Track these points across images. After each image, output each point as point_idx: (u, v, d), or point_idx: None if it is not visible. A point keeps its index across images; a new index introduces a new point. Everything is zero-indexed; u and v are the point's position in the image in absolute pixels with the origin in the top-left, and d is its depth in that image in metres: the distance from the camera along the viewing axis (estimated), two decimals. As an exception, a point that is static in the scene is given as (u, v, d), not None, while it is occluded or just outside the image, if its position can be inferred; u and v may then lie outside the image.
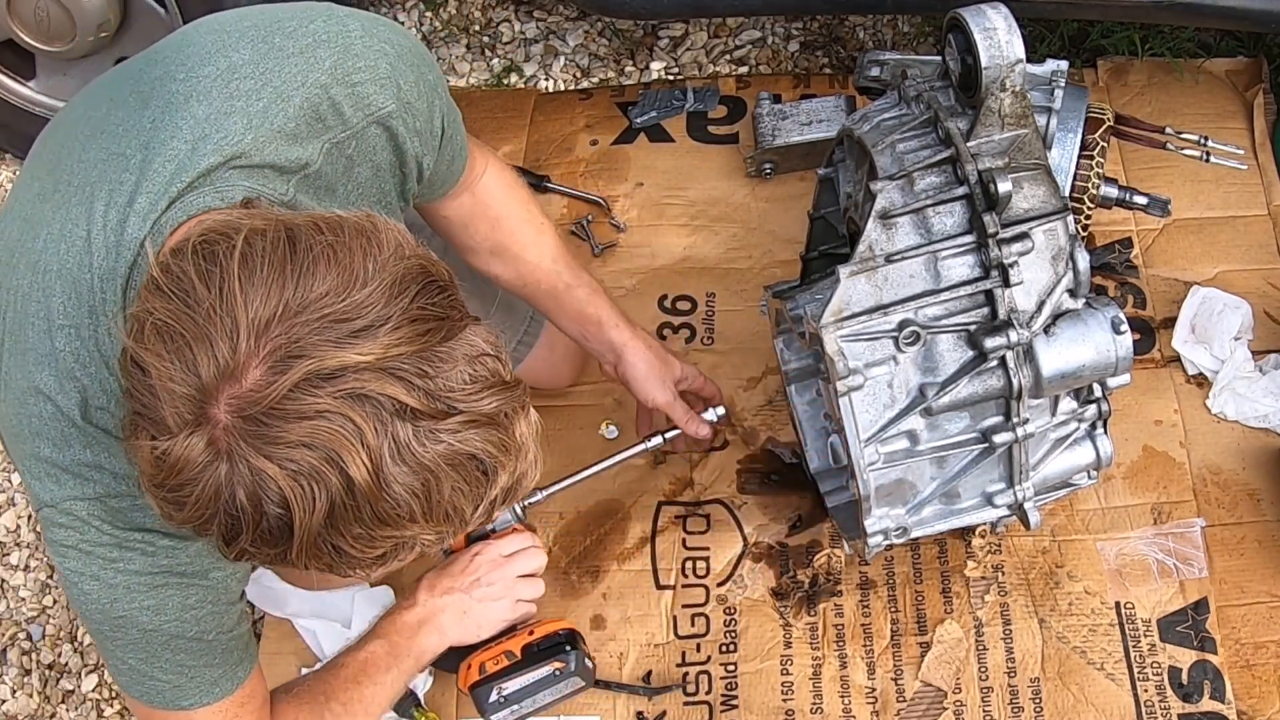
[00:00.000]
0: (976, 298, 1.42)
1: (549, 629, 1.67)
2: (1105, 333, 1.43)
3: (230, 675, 1.33)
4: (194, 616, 1.25)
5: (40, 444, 1.17)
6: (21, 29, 2.16)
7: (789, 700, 1.74)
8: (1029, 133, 1.44)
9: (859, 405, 1.44)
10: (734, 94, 2.32)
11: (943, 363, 1.44)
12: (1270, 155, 2.11)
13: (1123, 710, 1.68)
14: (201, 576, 1.24)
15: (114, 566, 1.20)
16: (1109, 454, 1.58)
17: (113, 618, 1.23)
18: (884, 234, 1.42)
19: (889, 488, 1.52)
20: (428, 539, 1.01)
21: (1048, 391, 1.45)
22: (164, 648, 1.25)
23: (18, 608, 2.04)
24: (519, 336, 1.88)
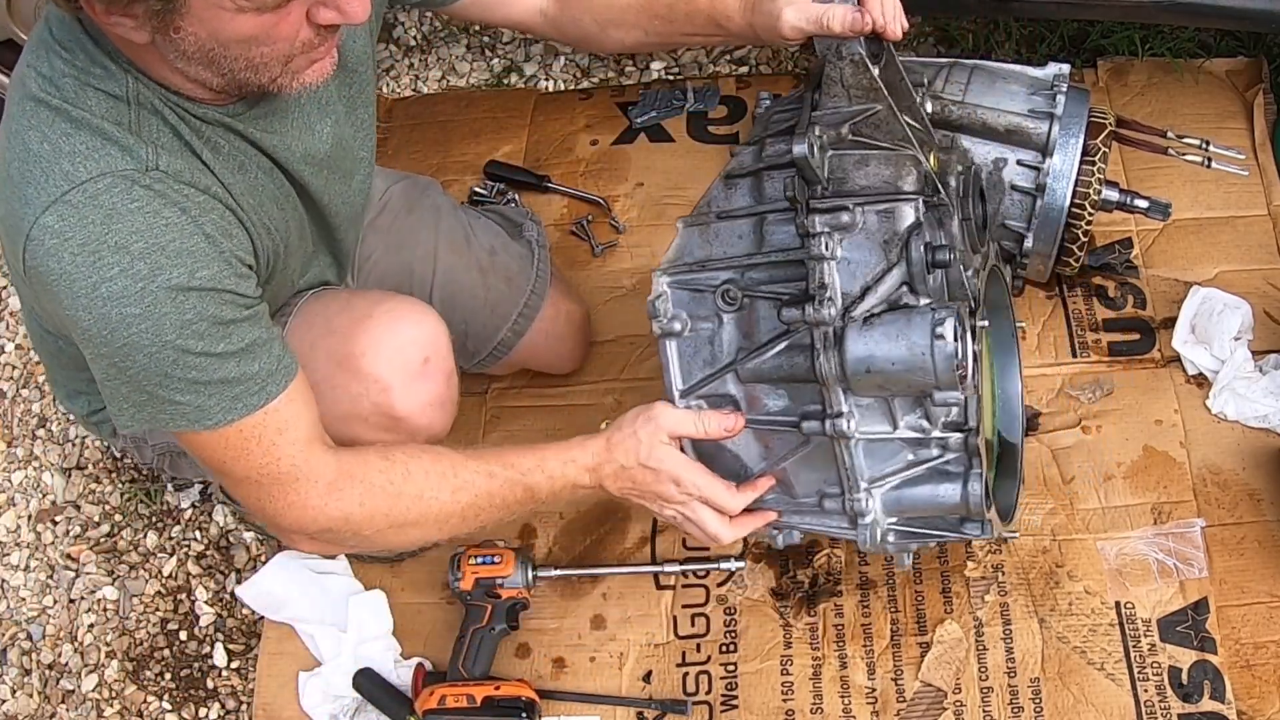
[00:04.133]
0: (797, 269, 1.37)
1: (515, 691, 1.71)
2: (923, 334, 1.32)
3: (257, 391, 1.30)
4: (194, 335, 1.23)
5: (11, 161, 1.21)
6: (22, 29, 2.16)
7: (789, 700, 1.74)
8: (882, 109, 1.36)
9: (678, 353, 1.46)
10: (734, 94, 2.32)
11: (759, 330, 1.41)
12: (1270, 155, 2.11)
13: (1123, 710, 1.68)
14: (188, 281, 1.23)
15: (99, 292, 1.20)
16: (976, 500, 1.45)
17: (116, 347, 1.23)
18: (724, 193, 1.43)
19: (712, 451, 1.50)
20: None
21: (855, 384, 1.37)
22: (173, 366, 1.24)
23: (18, 608, 2.04)
24: (519, 309, 1.87)
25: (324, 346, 1.49)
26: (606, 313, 2.08)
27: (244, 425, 1.30)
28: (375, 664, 1.80)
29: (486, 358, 1.88)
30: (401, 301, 1.57)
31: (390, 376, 1.51)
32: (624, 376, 2.03)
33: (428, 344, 1.55)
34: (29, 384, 2.23)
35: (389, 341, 1.51)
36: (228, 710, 1.93)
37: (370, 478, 1.39)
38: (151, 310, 1.21)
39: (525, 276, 1.87)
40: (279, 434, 1.32)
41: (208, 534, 2.05)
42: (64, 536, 2.09)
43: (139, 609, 2.01)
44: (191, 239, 1.23)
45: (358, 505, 1.38)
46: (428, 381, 1.54)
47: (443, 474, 1.43)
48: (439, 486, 1.43)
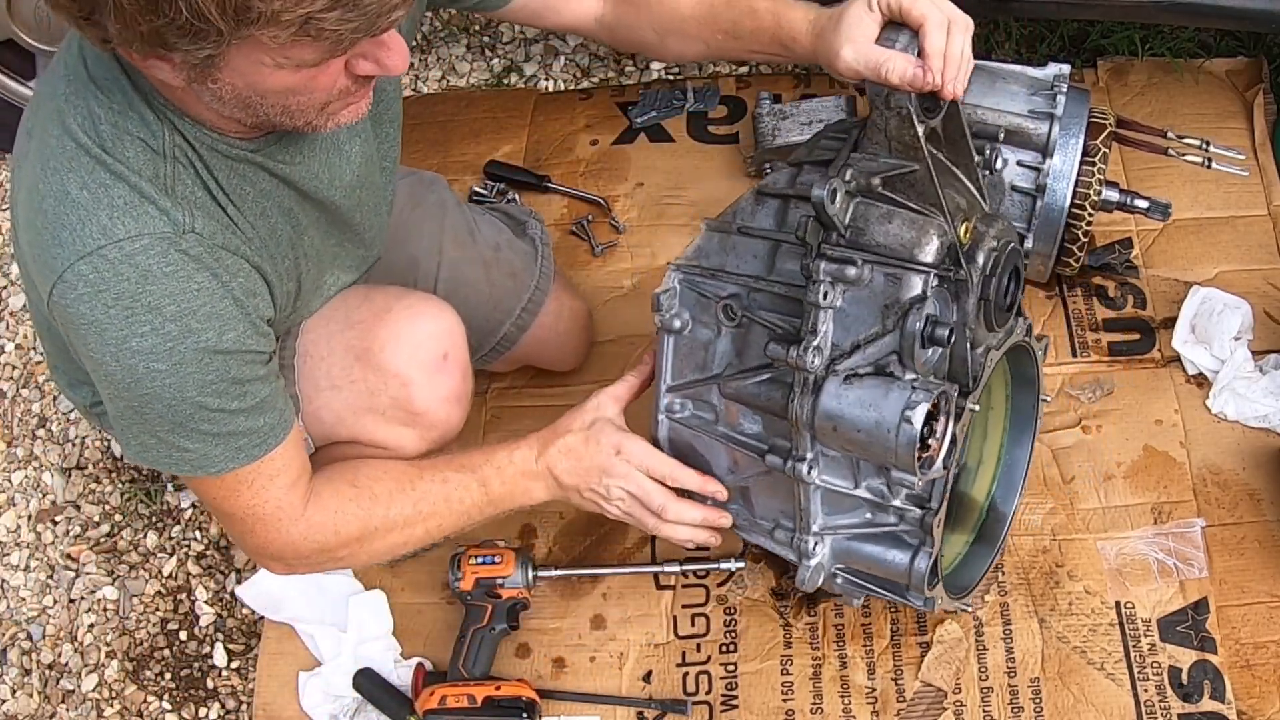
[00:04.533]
0: (797, 305, 1.35)
1: (515, 691, 1.71)
2: (894, 410, 1.29)
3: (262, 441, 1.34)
4: (214, 393, 1.27)
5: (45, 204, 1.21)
6: (21, 29, 2.16)
7: (789, 700, 1.74)
8: (921, 171, 1.32)
9: (675, 350, 1.47)
10: (734, 94, 2.32)
11: (749, 352, 1.42)
12: (1270, 155, 2.11)
13: (1123, 710, 1.68)
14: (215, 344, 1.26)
15: (128, 345, 1.22)
16: (919, 577, 1.45)
17: (136, 395, 1.26)
18: (751, 207, 1.42)
19: (683, 448, 1.52)
20: None
21: (821, 434, 1.36)
22: (191, 419, 1.29)
23: (18, 608, 2.04)
24: (522, 304, 1.87)
25: (343, 340, 1.52)
26: (606, 312, 2.08)
27: (241, 472, 1.35)
28: (375, 664, 1.80)
29: (489, 353, 1.88)
30: (420, 298, 1.60)
31: (410, 371, 1.54)
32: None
33: (446, 339, 1.58)
34: (29, 384, 2.23)
35: (409, 336, 1.54)
36: (228, 710, 1.93)
37: (342, 507, 1.45)
38: (178, 368, 1.25)
39: (529, 272, 1.87)
40: (270, 480, 1.38)
41: (208, 534, 2.05)
42: (64, 536, 2.09)
43: (139, 609, 2.01)
44: (221, 302, 1.26)
45: (332, 534, 1.45)
46: (446, 376, 1.57)
47: (404, 490, 1.49)
48: (402, 503, 1.49)
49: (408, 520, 1.49)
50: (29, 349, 2.25)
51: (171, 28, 1.04)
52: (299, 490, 1.42)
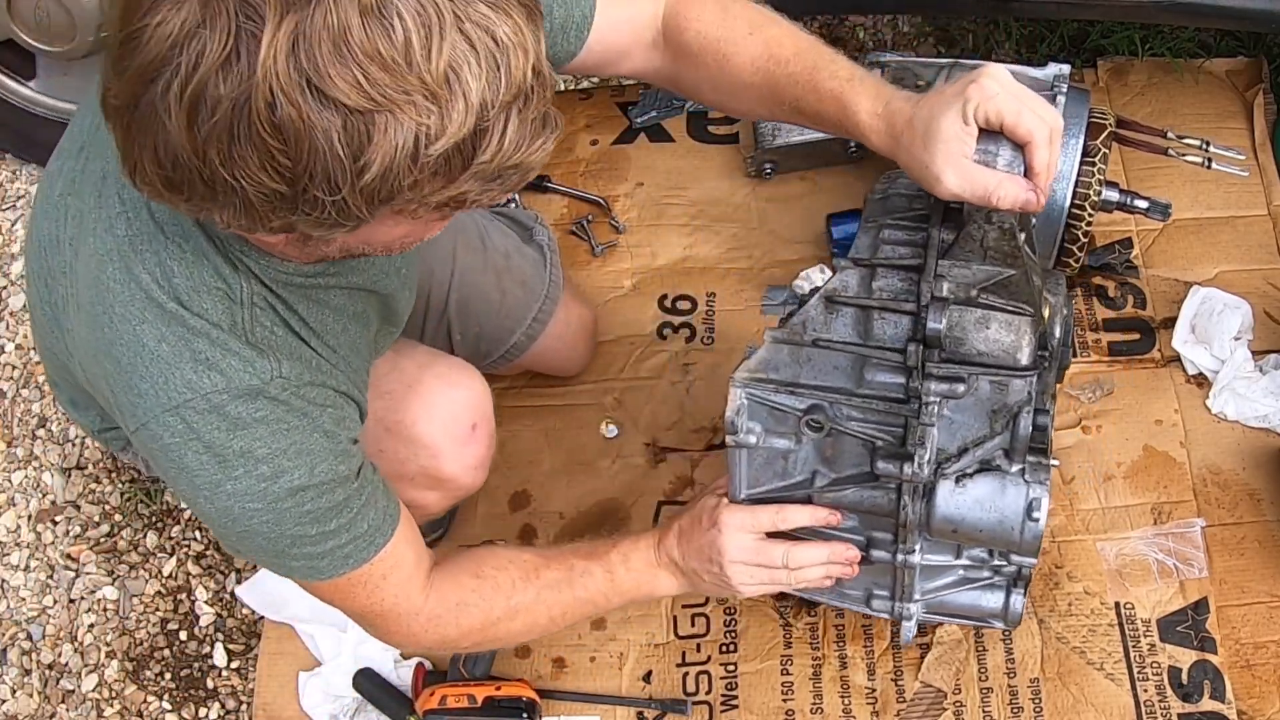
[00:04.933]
0: (893, 416, 1.34)
1: (516, 691, 1.72)
2: (1017, 511, 1.33)
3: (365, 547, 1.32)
4: (310, 521, 1.25)
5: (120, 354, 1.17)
6: (22, 29, 2.16)
7: (789, 700, 1.74)
8: (1018, 275, 1.30)
9: (749, 462, 1.43)
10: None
11: (841, 461, 1.39)
12: (1270, 155, 2.11)
13: (1123, 710, 1.68)
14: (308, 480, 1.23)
15: (222, 488, 1.20)
16: (1016, 615, 1.51)
17: (230, 535, 1.26)
18: (823, 316, 1.36)
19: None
20: (420, 117, 0.92)
21: (938, 534, 1.39)
22: (293, 548, 1.27)
23: (18, 608, 2.04)
24: (533, 314, 1.87)
25: (374, 410, 1.48)
26: (606, 313, 2.08)
27: (352, 576, 1.33)
28: (375, 664, 1.80)
29: (498, 360, 1.88)
30: (449, 365, 1.61)
31: (440, 442, 1.55)
32: (624, 376, 2.03)
33: (476, 409, 1.59)
34: (29, 384, 2.22)
35: (439, 409, 1.55)
36: (228, 710, 1.93)
37: (463, 598, 1.44)
38: (273, 507, 1.23)
39: (539, 281, 1.87)
40: (383, 579, 1.36)
41: (208, 534, 2.05)
42: (64, 536, 2.09)
43: (139, 609, 2.01)
44: (311, 438, 1.23)
45: (454, 626, 1.44)
46: (475, 445, 1.59)
47: (528, 579, 1.47)
48: (525, 592, 1.47)
49: (530, 609, 1.47)
50: (29, 349, 2.25)
51: (307, 220, 0.99)
52: (416, 583, 1.40)
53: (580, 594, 1.49)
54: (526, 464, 1.96)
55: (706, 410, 1.98)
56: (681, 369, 2.03)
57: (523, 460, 1.96)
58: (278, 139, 0.91)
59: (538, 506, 1.92)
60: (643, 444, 1.97)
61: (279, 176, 0.94)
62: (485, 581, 1.45)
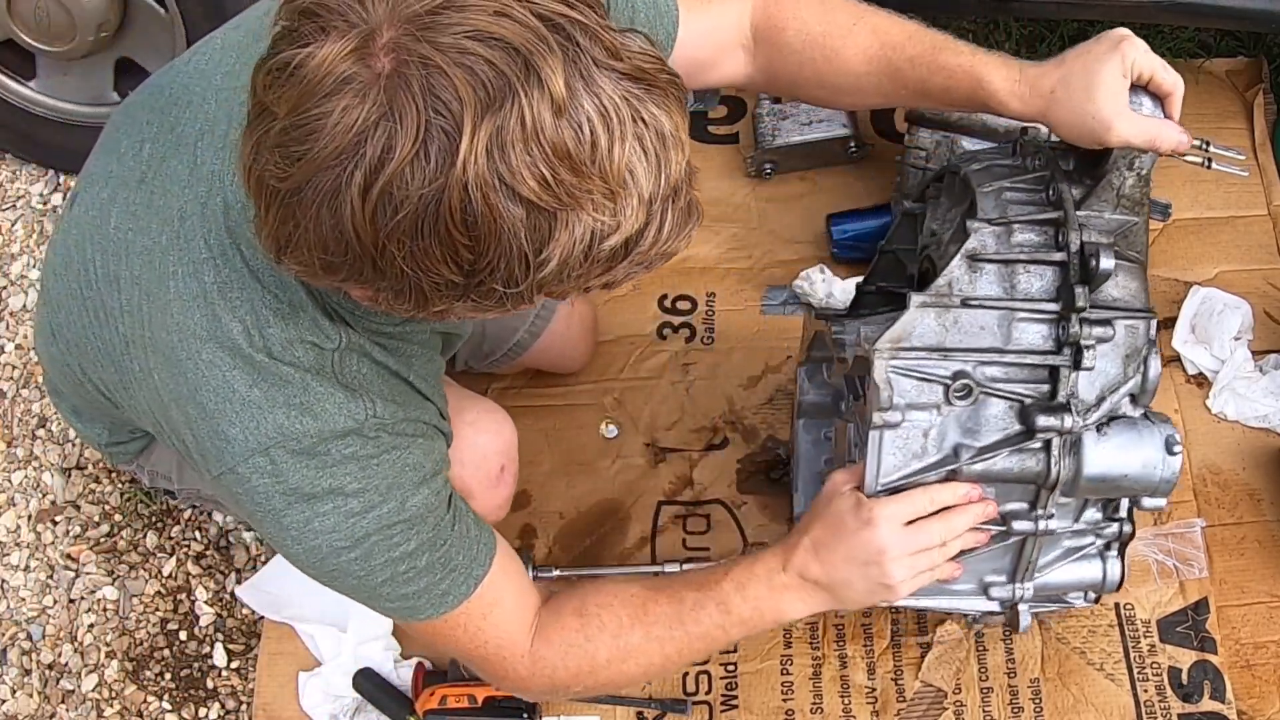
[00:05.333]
0: (1040, 371, 1.34)
1: None
2: (1158, 450, 1.36)
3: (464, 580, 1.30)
4: (403, 556, 1.23)
5: (206, 400, 1.15)
6: (21, 29, 2.15)
7: (789, 700, 1.74)
8: (1140, 222, 1.38)
9: (888, 445, 1.33)
10: (734, 94, 2.31)
11: (986, 428, 1.34)
12: (1270, 155, 2.11)
13: (1123, 710, 1.69)
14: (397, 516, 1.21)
15: (310, 527, 1.19)
16: (1115, 580, 1.52)
17: (322, 573, 1.24)
18: (967, 275, 1.34)
19: None
20: (597, 214, 0.93)
21: (1081, 492, 1.38)
22: (382, 587, 1.25)
23: (18, 608, 2.04)
24: (536, 311, 1.86)
25: None
26: (606, 313, 2.08)
27: (450, 617, 1.31)
28: (375, 664, 1.80)
29: (501, 358, 1.88)
30: (480, 410, 1.61)
31: (471, 485, 1.54)
32: (623, 376, 2.03)
33: (504, 453, 1.62)
34: (29, 384, 2.22)
35: (471, 455, 1.55)
36: (228, 710, 1.93)
37: (568, 639, 1.38)
38: (361, 543, 1.21)
39: None
40: (484, 619, 1.33)
41: (207, 534, 2.05)
42: (64, 536, 2.09)
43: (139, 609, 2.01)
44: (401, 473, 1.22)
45: (563, 670, 1.39)
46: (503, 487, 1.63)
47: (635, 618, 1.39)
48: (633, 632, 1.39)
49: (642, 650, 1.39)
50: (29, 349, 2.25)
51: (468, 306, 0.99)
52: (519, 622, 1.37)
53: (694, 630, 1.39)
54: (526, 464, 1.95)
55: (706, 410, 1.99)
56: (681, 369, 2.03)
57: (523, 460, 1.94)
58: (465, 235, 0.91)
59: (538, 506, 1.92)
60: (643, 444, 1.97)
61: (458, 269, 0.93)
62: (589, 621, 1.39)
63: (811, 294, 2.03)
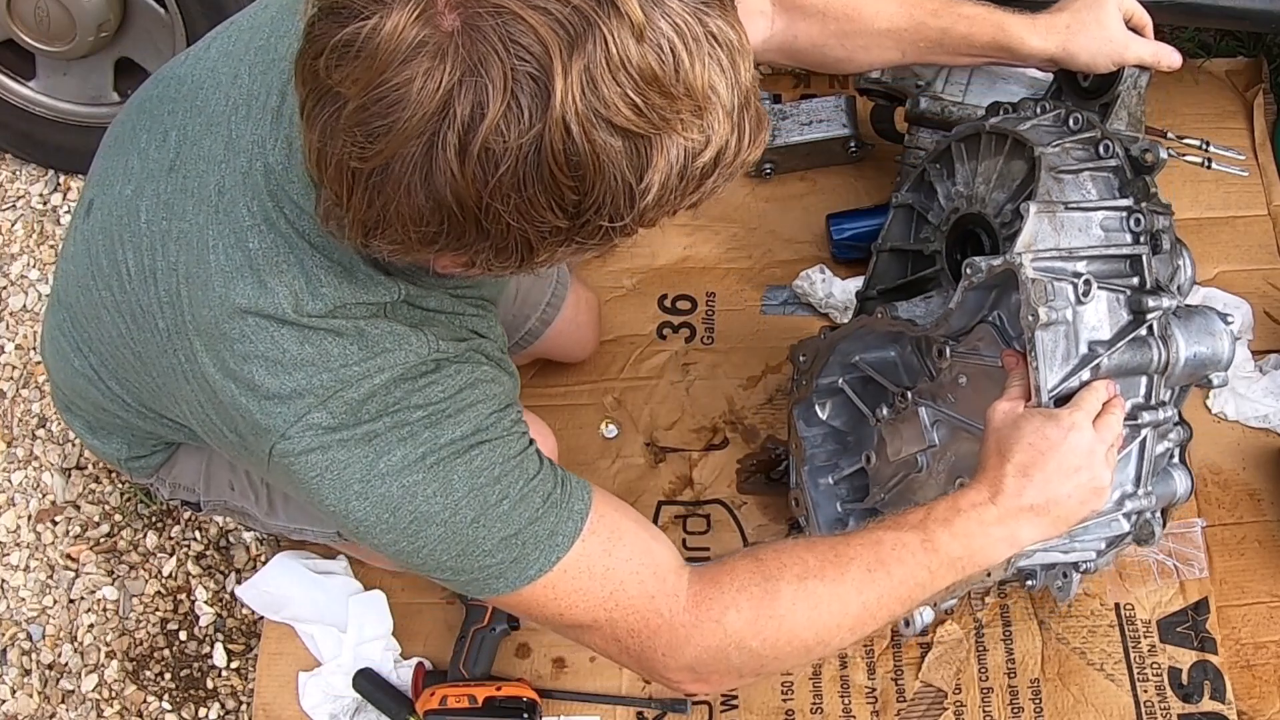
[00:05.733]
0: (1123, 263, 1.42)
1: (516, 691, 1.72)
2: (1220, 323, 1.47)
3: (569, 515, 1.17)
4: (489, 480, 1.13)
5: (254, 371, 1.10)
6: (21, 29, 2.16)
7: (789, 700, 1.74)
8: (1140, 139, 1.50)
9: (1048, 349, 1.33)
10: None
11: (1105, 324, 1.38)
12: (1270, 155, 2.11)
13: (1123, 711, 1.68)
14: (471, 435, 1.13)
15: (375, 469, 1.10)
16: (1188, 489, 1.52)
17: (400, 529, 1.12)
18: (1057, 186, 1.42)
19: None
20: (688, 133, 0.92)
21: (1178, 378, 1.44)
22: (471, 528, 1.12)
23: (18, 608, 2.04)
24: (547, 298, 1.86)
25: None
26: (606, 312, 2.08)
27: (568, 562, 1.16)
28: (375, 664, 1.80)
29: (512, 347, 1.88)
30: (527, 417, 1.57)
31: None
32: (623, 376, 2.03)
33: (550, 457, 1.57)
34: (29, 384, 2.22)
35: None
36: (228, 710, 1.93)
37: (739, 579, 1.21)
38: (438, 471, 1.11)
39: (550, 270, 1.87)
40: (607, 554, 1.18)
41: (207, 534, 2.05)
42: (64, 536, 2.09)
43: (139, 609, 2.01)
44: (468, 391, 1.15)
45: (733, 611, 1.19)
46: None
47: (825, 563, 1.22)
48: (822, 578, 1.21)
49: (834, 596, 1.21)
50: (29, 349, 2.25)
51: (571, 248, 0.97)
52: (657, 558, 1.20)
53: (897, 572, 1.22)
54: (526, 464, 1.96)
55: (706, 410, 1.99)
56: (681, 369, 2.03)
57: (523, 460, 1.96)
58: (570, 176, 0.90)
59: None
60: (642, 444, 1.97)
61: (564, 212, 0.92)
62: (766, 563, 1.22)
63: (811, 294, 2.03)
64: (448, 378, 1.14)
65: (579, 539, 1.17)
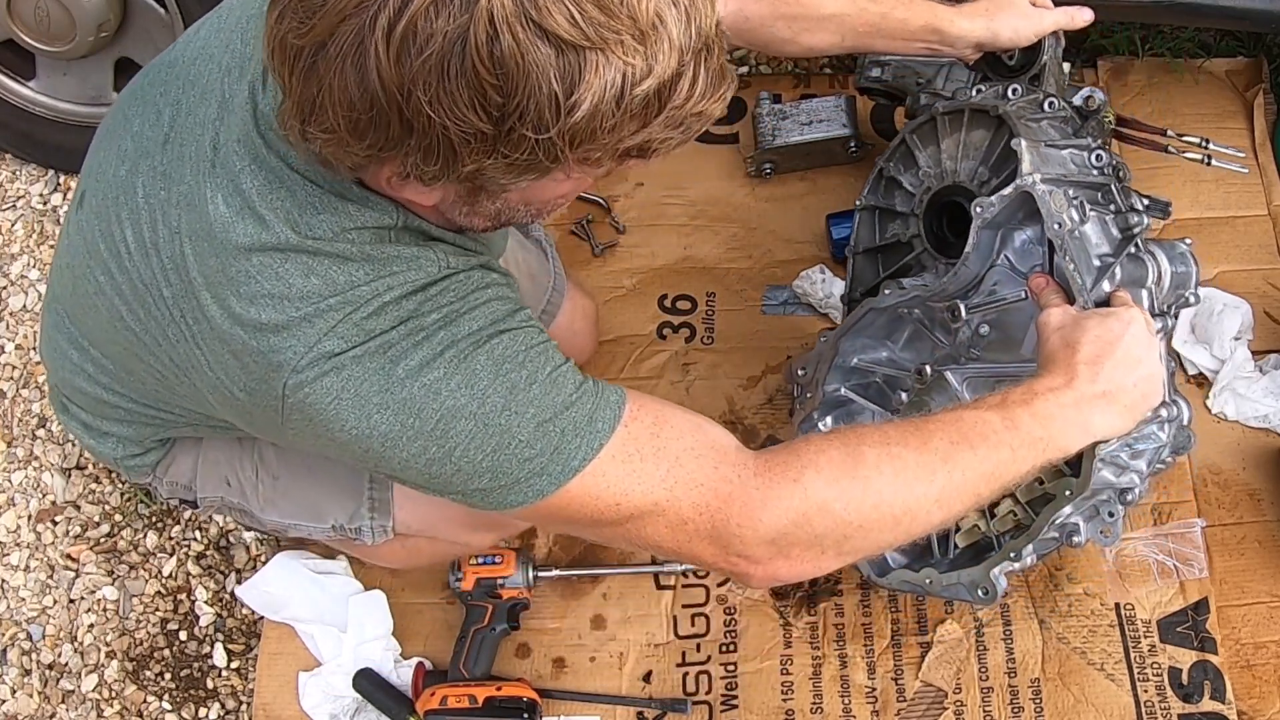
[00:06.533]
0: (1098, 194, 1.51)
1: (516, 691, 1.72)
2: (1182, 245, 1.51)
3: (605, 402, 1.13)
4: (514, 365, 1.10)
5: (261, 310, 1.08)
6: (21, 29, 2.16)
7: (789, 700, 1.74)
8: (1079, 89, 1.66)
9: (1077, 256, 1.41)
10: (734, 94, 2.31)
11: (1102, 243, 1.45)
12: (1270, 155, 2.11)
13: (1123, 711, 1.68)
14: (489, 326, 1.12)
15: (394, 375, 1.07)
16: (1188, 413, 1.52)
17: (428, 433, 1.08)
18: (1030, 130, 1.51)
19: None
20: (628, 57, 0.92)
21: (1166, 294, 1.49)
22: (503, 416, 1.08)
23: (18, 608, 2.04)
24: (542, 306, 1.87)
25: None
26: (606, 312, 2.08)
27: (615, 445, 1.11)
28: (375, 664, 1.80)
29: None
30: None
31: None
32: (623, 376, 2.03)
33: None
34: (29, 384, 2.22)
35: None
36: (228, 710, 1.93)
37: (814, 444, 1.17)
38: (459, 365, 1.08)
39: (546, 273, 1.87)
40: (655, 435, 1.13)
41: (208, 534, 2.05)
42: (64, 536, 2.09)
43: (139, 609, 2.01)
44: (483, 292, 1.14)
45: (812, 469, 1.14)
46: None
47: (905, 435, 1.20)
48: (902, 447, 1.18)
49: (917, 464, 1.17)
50: (29, 349, 2.25)
51: (500, 164, 0.96)
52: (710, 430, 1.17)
53: (980, 447, 1.20)
54: (526, 464, 1.96)
55: (706, 410, 1.96)
56: (681, 369, 2.03)
57: (523, 460, 1.96)
58: (493, 74, 0.90)
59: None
60: (643, 444, 1.96)
61: (487, 115, 0.92)
62: (845, 433, 1.21)
63: (811, 294, 2.03)
64: (459, 284, 1.13)
65: (621, 423, 1.12)
